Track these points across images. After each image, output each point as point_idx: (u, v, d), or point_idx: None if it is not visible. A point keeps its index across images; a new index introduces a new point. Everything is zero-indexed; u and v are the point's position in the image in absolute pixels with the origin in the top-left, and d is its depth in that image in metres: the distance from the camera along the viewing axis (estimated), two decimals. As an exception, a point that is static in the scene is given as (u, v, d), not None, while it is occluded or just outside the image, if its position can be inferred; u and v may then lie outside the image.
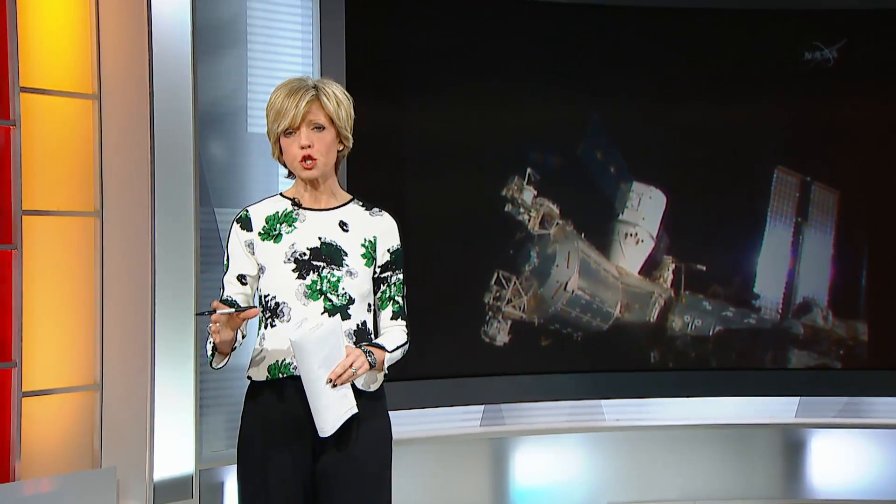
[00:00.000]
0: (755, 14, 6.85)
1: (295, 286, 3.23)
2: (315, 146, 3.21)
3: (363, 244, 3.28)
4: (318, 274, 3.24)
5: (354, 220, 3.32)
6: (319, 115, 3.22)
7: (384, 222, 3.34)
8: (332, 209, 3.31)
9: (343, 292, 3.23)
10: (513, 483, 6.65)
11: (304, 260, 3.25)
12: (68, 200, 5.49)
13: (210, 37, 5.73)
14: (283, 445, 3.19)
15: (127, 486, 5.40)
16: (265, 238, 3.28)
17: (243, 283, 3.29)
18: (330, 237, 3.27)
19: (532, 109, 6.70)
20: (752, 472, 6.80)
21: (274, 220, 3.29)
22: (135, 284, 5.49)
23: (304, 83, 3.25)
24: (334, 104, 3.25)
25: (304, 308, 3.21)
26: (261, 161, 5.94)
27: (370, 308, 3.32)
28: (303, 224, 3.28)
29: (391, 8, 6.33)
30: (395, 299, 3.34)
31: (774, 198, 6.93)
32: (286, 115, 3.20)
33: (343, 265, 3.25)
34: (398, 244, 3.35)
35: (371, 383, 3.22)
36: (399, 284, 3.36)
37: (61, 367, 5.47)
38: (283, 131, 3.22)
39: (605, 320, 6.84)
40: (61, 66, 5.45)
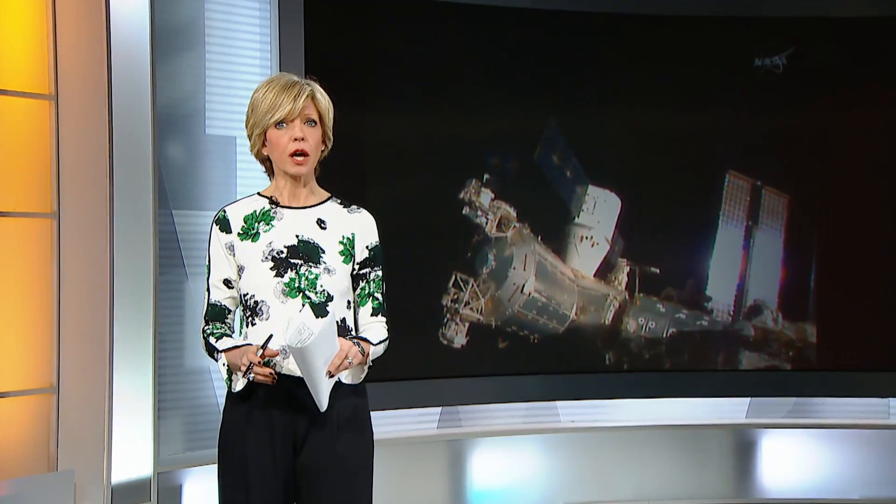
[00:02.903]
0: (707, 21, 6.91)
1: (273, 284, 3.20)
2: (308, 140, 3.19)
3: (341, 241, 3.26)
4: (296, 272, 3.21)
5: (332, 217, 3.29)
6: (314, 111, 3.21)
7: (362, 219, 3.31)
8: (309, 207, 3.28)
9: (321, 289, 3.20)
10: (470, 484, 6.67)
11: (281, 258, 3.22)
12: (25, 201, 5.44)
13: (168, 38, 5.71)
14: (264, 442, 3.17)
15: (84, 489, 5.35)
16: (244, 238, 3.25)
17: (229, 286, 3.27)
18: (307, 235, 3.24)
19: (489, 114, 6.74)
20: (704, 472, 6.87)
21: (252, 220, 3.27)
22: (93, 286, 5.45)
23: (297, 79, 3.24)
24: (326, 103, 3.25)
25: (283, 306, 3.18)
26: (219, 163, 5.92)
27: (350, 305, 3.30)
28: (280, 222, 3.25)
29: (350, 12, 6.34)
30: (375, 296, 3.31)
31: (726, 201, 7.00)
32: (282, 107, 3.17)
33: (321, 262, 3.22)
34: (377, 241, 3.33)
35: (357, 376, 3.22)
36: (378, 281, 3.33)
37: (17, 369, 5.41)
38: (275, 123, 3.18)
39: (561, 322, 6.87)
40: (18, 65, 5.40)
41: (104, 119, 5.39)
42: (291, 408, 3.16)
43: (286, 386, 3.14)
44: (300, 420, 3.19)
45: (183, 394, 5.59)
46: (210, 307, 3.32)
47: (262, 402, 3.19)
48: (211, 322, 3.31)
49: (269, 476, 3.22)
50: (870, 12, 6.88)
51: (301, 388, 3.11)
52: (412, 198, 6.45)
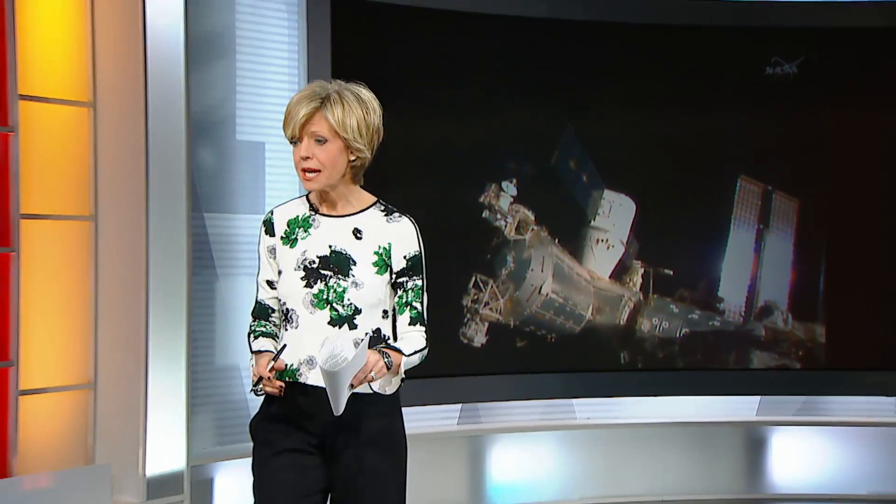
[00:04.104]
0: (720, 31, 6.97)
1: (302, 294, 3.12)
2: (315, 158, 3.07)
3: (376, 252, 3.13)
4: (325, 283, 3.12)
5: (370, 226, 3.16)
6: (322, 127, 3.07)
7: (401, 228, 3.16)
8: (347, 216, 3.16)
9: (348, 303, 3.10)
10: (489, 479, 6.74)
11: (312, 268, 3.14)
12: (64, 204, 5.49)
13: (201, 48, 5.75)
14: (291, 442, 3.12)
15: (120, 482, 5.41)
16: (285, 242, 3.19)
17: (272, 287, 3.22)
18: (341, 245, 3.14)
19: (509, 120, 6.79)
20: (716, 468, 6.92)
21: (294, 225, 3.19)
22: (129, 286, 5.49)
23: (316, 93, 3.10)
24: (339, 115, 3.07)
25: (311, 317, 3.11)
26: (248, 168, 5.97)
27: (386, 314, 3.18)
28: (317, 231, 3.17)
29: (375, 21, 6.38)
30: (413, 305, 3.16)
31: (738, 206, 7.06)
32: (289, 124, 3.09)
33: (349, 275, 3.12)
34: (416, 250, 3.17)
35: (386, 386, 3.11)
36: (417, 290, 3.18)
37: (57, 366, 5.46)
38: (290, 140, 3.11)
39: (578, 322, 6.92)
40: (58, 74, 5.45)
41: (140, 125, 5.43)
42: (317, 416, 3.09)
43: (312, 395, 3.08)
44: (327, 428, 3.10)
45: (214, 390, 5.65)
46: (257, 304, 3.28)
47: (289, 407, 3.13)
48: (256, 319, 3.28)
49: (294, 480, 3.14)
50: (876, 22, 6.95)
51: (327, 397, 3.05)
52: (433, 201, 6.46)
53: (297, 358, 3.11)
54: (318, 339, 3.08)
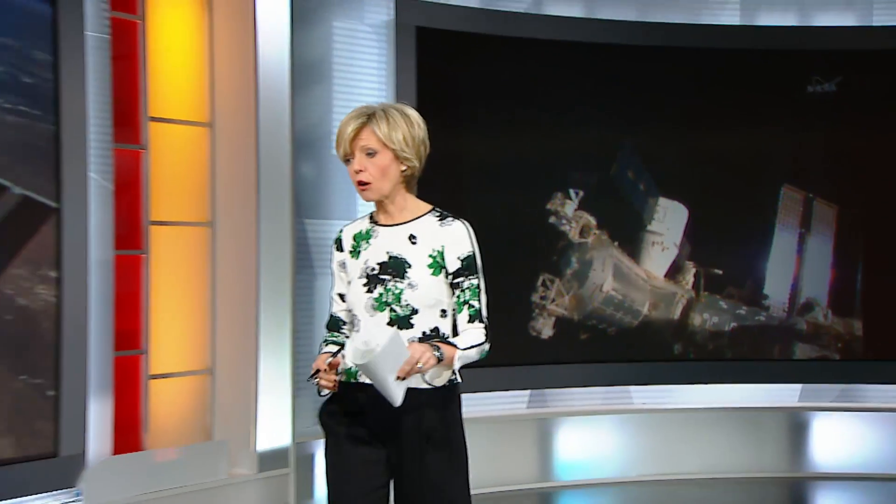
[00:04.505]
0: (766, 53, 7.07)
1: (365, 300, 3.13)
2: (367, 170, 3.08)
3: (431, 255, 3.13)
4: (384, 287, 3.11)
5: (424, 232, 3.16)
6: (371, 140, 3.07)
7: (454, 232, 3.15)
8: (403, 224, 3.17)
9: (406, 303, 3.09)
10: (555, 458, 6.87)
11: (373, 274, 3.13)
12: (186, 212, 5.71)
13: (304, 74, 5.93)
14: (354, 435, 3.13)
15: (236, 456, 5.62)
16: (352, 255, 3.20)
17: (343, 300, 3.24)
18: (397, 251, 3.14)
19: (574, 135, 6.93)
20: (761, 449, 7.00)
21: (359, 238, 3.21)
22: (242, 284, 5.71)
23: (363, 111, 3.12)
24: (385, 129, 3.07)
25: (372, 320, 3.11)
26: (342, 179, 5.96)
27: (444, 313, 3.15)
28: (376, 240, 3.17)
29: (455, 47, 6.57)
30: (470, 303, 3.13)
31: (781, 212, 7.15)
32: (340, 143, 3.11)
33: (405, 277, 3.11)
34: (469, 251, 3.15)
35: (435, 378, 3.07)
36: (474, 289, 3.14)
37: (180, 354, 5.68)
38: (342, 158, 3.13)
39: (635, 317, 7.05)
40: (181, 100, 5.68)
41: (252, 142, 5.66)
42: (374, 412, 3.08)
43: (370, 392, 3.04)
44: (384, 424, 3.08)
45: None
46: (330, 317, 3.29)
47: (350, 403, 3.13)
48: (329, 331, 3.28)
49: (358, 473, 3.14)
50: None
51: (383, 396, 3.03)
52: (506, 209, 6.59)
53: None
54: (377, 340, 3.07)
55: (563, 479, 6.88)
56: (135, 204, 5.43)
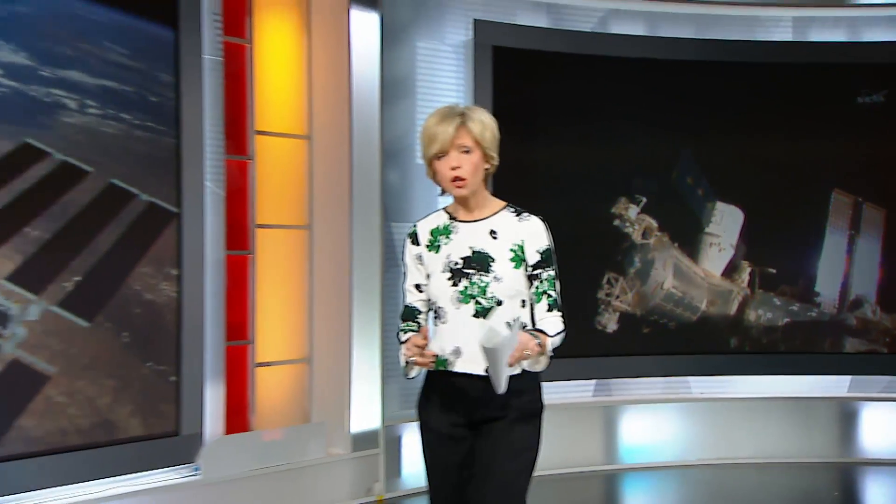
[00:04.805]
0: (817, 67, 7.10)
1: (450, 292, 3.11)
2: (463, 167, 3.08)
3: (511, 248, 3.12)
4: (469, 280, 3.10)
5: (504, 227, 3.15)
6: (466, 139, 3.08)
7: (531, 226, 3.15)
8: (483, 219, 3.16)
9: (491, 296, 3.09)
10: (619, 442, 6.97)
11: (457, 268, 3.12)
12: (287, 216, 5.88)
13: (391, 90, 6.07)
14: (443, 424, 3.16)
15: (332, 437, 5.82)
16: (430, 249, 3.19)
17: (420, 290, 3.22)
18: (480, 246, 3.13)
19: (637, 145, 7.01)
20: (812, 436, 7.05)
21: (436, 233, 3.20)
22: (336, 281, 5.88)
23: (453, 111, 3.13)
24: (479, 128, 3.09)
25: (457, 311, 3.10)
26: (424, 185, 6.04)
27: (524, 304, 3.15)
28: (457, 235, 3.16)
29: (527, 65, 6.64)
30: (549, 293, 3.13)
31: (832, 215, 7.19)
32: (437, 140, 3.08)
33: (490, 271, 3.10)
34: (546, 244, 3.15)
35: (535, 365, 3.07)
36: (551, 280, 3.14)
37: (281, 344, 5.85)
38: (434, 155, 3.10)
39: (694, 313, 7.10)
40: (283, 115, 5.86)
41: (345, 153, 5.82)
42: (465, 398, 3.10)
43: (460, 381, 3.09)
44: (474, 409, 3.11)
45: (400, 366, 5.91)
46: (405, 308, 3.25)
47: (442, 392, 3.15)
48: (404, 321, 3.23)
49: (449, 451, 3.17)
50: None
51: (473, 382, 3.07)
52: (574, 213, 6.67)
53: (446, 349, 3.12)
54: (464, 332, 3.09)
55: (626, 462, 6.91)
56: (242, 209, 5.62)
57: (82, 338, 4.87)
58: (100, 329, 4.93)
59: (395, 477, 6.00)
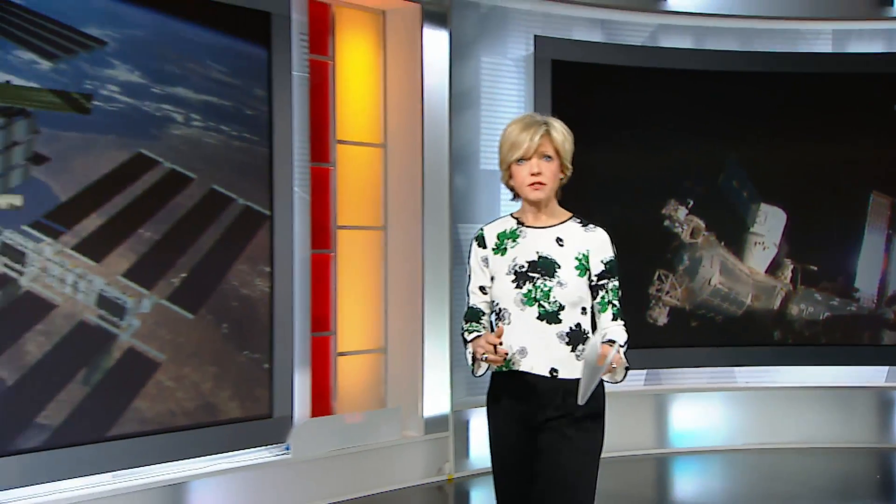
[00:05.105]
0: (854, 76, 7.20)
1: (514, 294, 3.06)
2: (544, 173, 3.06)
3: (577, 257, 3.07)
4: (533, 284, 3.05)
5: (570, 236, 3.10)
6: (548, 147, 3.06)
7: (597, 238, 3.10)
8: (550, 227, 3.11)
9: (554, 300, 3.03)
10: (670, 428, 7.10)
11: (522, 272, 3.07)
12: (365, 218, 6.12)
13: (458, 102, 6.26)
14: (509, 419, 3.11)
15: (407, 421, 6.04)
16: (496, 252, 3.14)
17: (484, 292, 3.17)
18: (546, 251, 3.08)
19: (685, 150, 7.13)
20: (851, 423, 7.15)
21: (503, 237, 3.15)
22: (409, 277, 6.10)
23: (536, 119, 3.09)
24: (561, 138, 3.09)
25: (521, 313, 3.06)
26: (488, 189, 6.43)
27: (585, 311, 3.09)
28: (524, 240, 3.11)
29: (584, 78, 6.79)
30: (613, 303, 3.10)
31: (870, 215, 7.26)
32: (521, 146, 3.05)
33: (555, 276, 3.05)
34: (611, 256, 3.11)
35: (614, 377, 3.05)
36: (615, 290, 3.11)
37: (360, 336, 6.09)
38: (516, 159, 3.07)
39: (739, 307, 7.21)
40: (362, 126, 6.10)
41: (418, 160, 6.04)
42: (531, 397, 3.04)
43: (525, 379, 3.04)
44: (539, 407, 3.05)
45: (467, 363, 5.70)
46: (469, 309, 3.21)
47: (508, 391, 3.10)
48: (468, 322, 3.18)
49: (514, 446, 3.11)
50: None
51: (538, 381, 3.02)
52: (627, 214, 6.78)
53: (511, 349, 3.05)
54: (529, 333, 3.04)
55: (676, 446, 7.03)
56: (325, 212, 5.87)
57: (187, 328, 5.18)
58: (203, 321, 5.24)
59: (463, 458, 6.19)
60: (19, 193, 4.60)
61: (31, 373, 4.64)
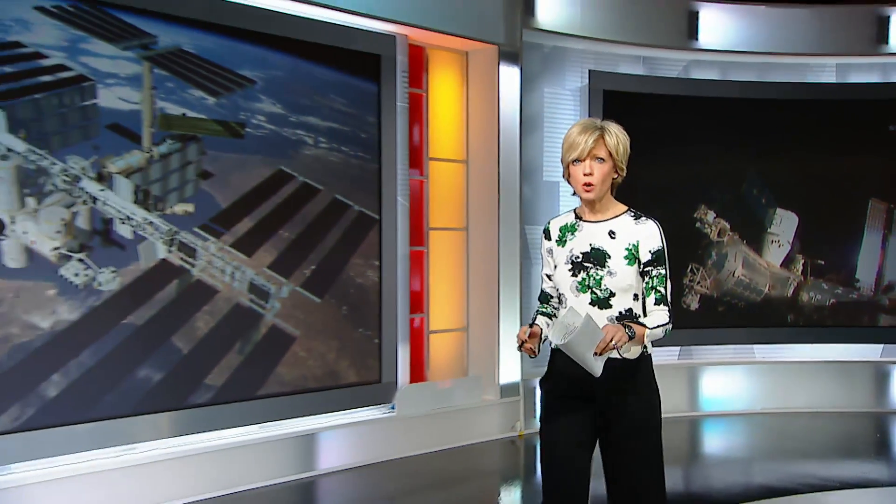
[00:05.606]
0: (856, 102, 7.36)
1: (570, 282, 2.99)
2: (595, 174, 2.94)
3: (627, 248, 2.97)
4: (586, 273, 2.97)
5: (622, 228, 3.00)
6: (601, 150, 2.95)
7: (647, 229, 2.99)
8: (604, 221, 3.01)
9: (605, 287, 2.95)
10: (699, 395, 7.31)
11: (577, 262, 2.99)
12: (450, 221, 6.37)
13: (526, 123, 6.48)
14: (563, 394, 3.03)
15: (486, 387, 6.30)
16: (558, 244, 3.06)
17: (549, 279, 3.11)
18: (599, 243, 2.99)
19: (713, 164, 7.32)
20: (852, 391, 7.32)
21: (564, 230, 3.07)
22: (487, 269, 6.34)
23: (594, 124, 2.98)
24: (614, 141, 2.97)
25: (576, 299, 2.96)
26: (549, 197, 6.67)
27: (636, 297, 2.98)
28: (581, 233, 3.03)
29: (629, 105, 6.89)
30: (657, 289, 2.97)
31: (869, 218, 7.40)
32: (576, 147, 2.95)
33: (605, 266, 2.95)
34: (658, 246, 2.98)
35: (626, 352, 2.92)
36: (661, 277, 2.98)
37: (447, 317, 6.36)
38: (572, 160, 2.97)
39: (758, 295, 7.41)
40: (448, 144, 6.34)
41: (494, 172, 6.30)
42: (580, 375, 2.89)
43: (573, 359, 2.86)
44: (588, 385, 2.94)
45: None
46: (541, 292, 3.18)
47: (561, 370, 3.01)
48: (541, 303, 3.15)
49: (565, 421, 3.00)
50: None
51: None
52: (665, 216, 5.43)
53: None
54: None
55: (705, 410, 7.21)
56: (419, 216, 6.17)
57: (316, 310, 5.58)
58: (327, 304, 5.64)
59: (531, 418, 6.38)
60: (191, 202, 5.07)
61: (200, 344, 5.10)
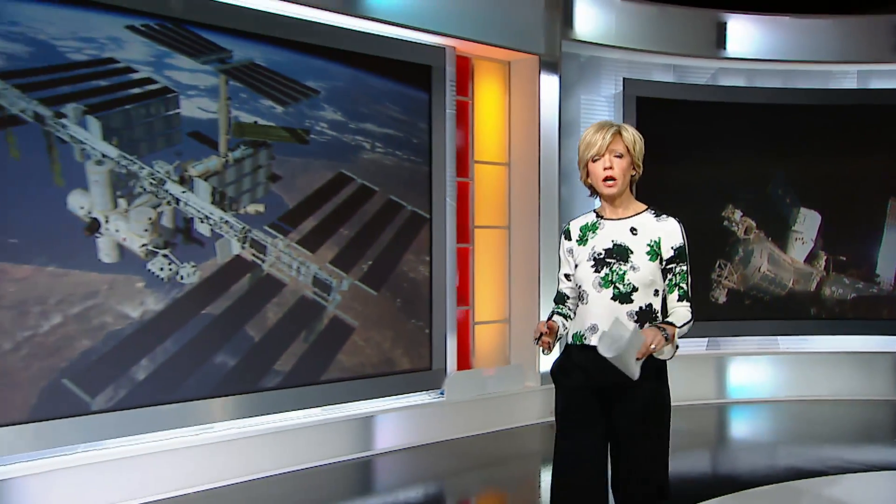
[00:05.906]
0: (877, 107, 7.33)
1: (593, 278, 2.93)
2: (615, 168, 2.91)
3: (649, 244, 2.93)
4: (609, 268, 2.91)
5: (643, 225, 2.95)
6: (619, 146, 2.92)
7: (668, 226, 2.95)
8: (625, 218, 2.97)
9: (627, 282, 2.89)
10: (726, 383, 7.28)
11: (600, 258, 2.94)
12: (494, 219, 6.42)
13: (565, 128, 6.51)
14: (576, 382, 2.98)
15: (527, 374, 6.35)
16: (579, 243, 3.02)
17: (568, 279, 3.07)
18: (621, 240, 2.94)
19: (741, 166, 7.30)
20: (872, 380, 7.28)
21: (585, 229, 3.03)
22: (528, 265, 6.37)
23: (609, 123, 2.97)
24: (631, 138, 2.94)
25: (598, 294, 2.91)
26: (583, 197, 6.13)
27: (657, 293, 2.92)
28: (602, 231, 2.99)
29: (661, 111, 7.00)
30: (680, 285, 2.92)
31: (889, 216, 7.37)
32: (594, 144, 2.92)
33: (628, 261, 2.90)
34: (680, 243, 2.94)
35: (660, 354, 2.87)
36: (683, 274, 2.93)
37: (491, 310, 6.41)
38: (591, 157, 2.93)
39: (783, 289, 7.40)
40: (492, 148, 6.40)
41: (535, 175, 6.31)
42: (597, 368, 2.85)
43: (594, 353, 2.83)
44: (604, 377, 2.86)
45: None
46: (557, 293, 3.12)
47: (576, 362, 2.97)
48: (556, 304, 3.11)
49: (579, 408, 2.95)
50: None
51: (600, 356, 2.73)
52: (695, 215, 6.73)
53: (584, 326, 2.96)
54: (602, 312, 2.88)
55: (732, 397, 7.19)
56: (466, 215, 6.24)
57: (373, 302, 5.69)
58: (383, 297, 5.74)
59: None
60: (262, 203, 5.20)
61: (269, 333, 5.23)
